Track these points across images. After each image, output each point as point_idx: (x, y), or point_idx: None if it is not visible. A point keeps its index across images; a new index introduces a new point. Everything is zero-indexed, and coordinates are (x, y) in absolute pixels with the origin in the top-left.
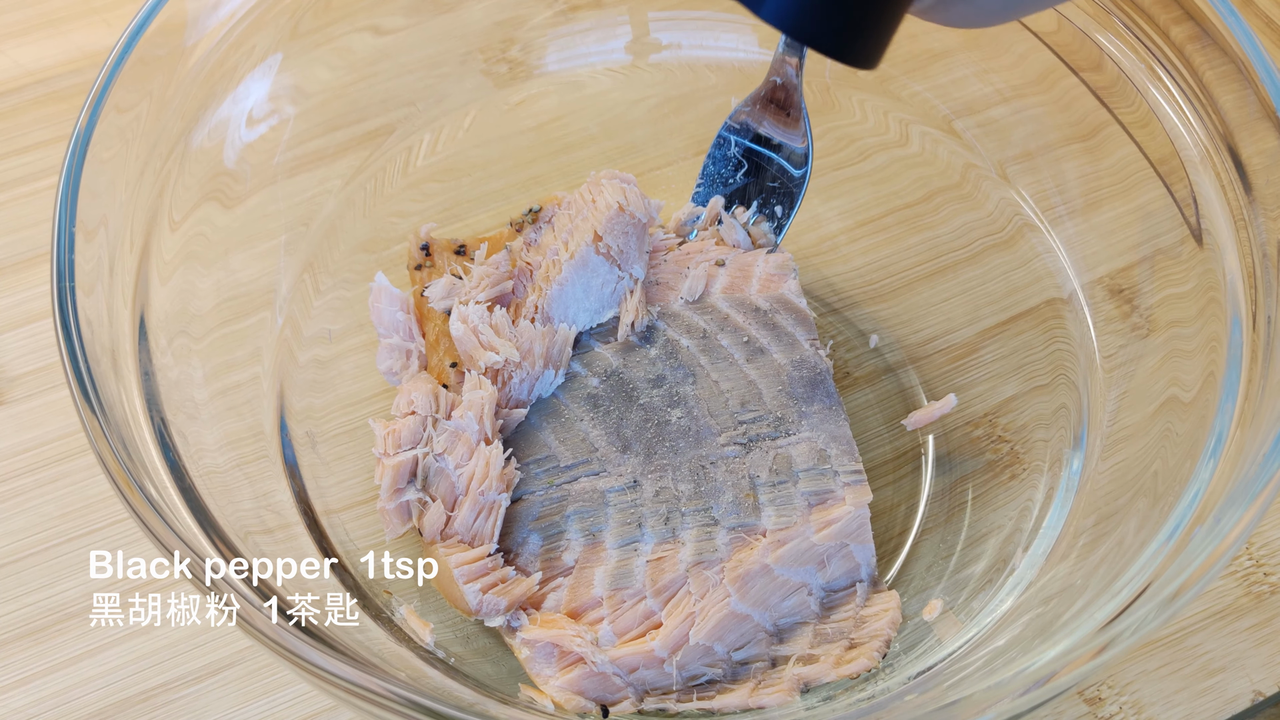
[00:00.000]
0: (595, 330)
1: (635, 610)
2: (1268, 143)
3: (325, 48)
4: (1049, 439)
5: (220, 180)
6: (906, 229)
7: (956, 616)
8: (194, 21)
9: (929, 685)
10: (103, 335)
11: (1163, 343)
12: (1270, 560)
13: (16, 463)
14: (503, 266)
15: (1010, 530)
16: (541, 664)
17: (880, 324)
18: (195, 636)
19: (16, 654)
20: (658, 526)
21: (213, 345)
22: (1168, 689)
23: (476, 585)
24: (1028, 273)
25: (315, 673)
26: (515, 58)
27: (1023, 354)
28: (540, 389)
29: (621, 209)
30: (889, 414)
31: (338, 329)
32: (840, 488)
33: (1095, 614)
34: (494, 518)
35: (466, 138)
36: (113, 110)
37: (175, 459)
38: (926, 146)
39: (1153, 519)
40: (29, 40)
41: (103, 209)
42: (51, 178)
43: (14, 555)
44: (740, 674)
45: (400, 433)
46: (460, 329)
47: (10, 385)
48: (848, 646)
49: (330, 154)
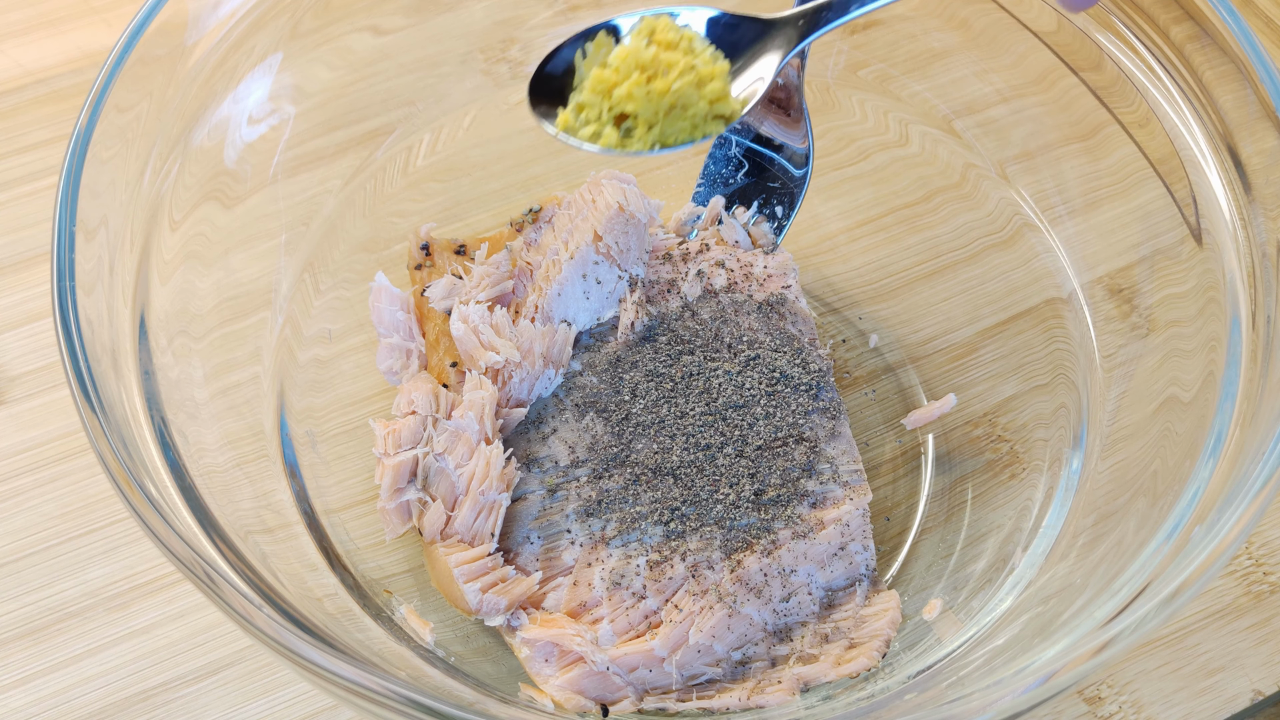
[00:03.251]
0: (595, 330)
1: (635, 610)
2: (1267, 143)
3: (325, 47)
4: (1049, 438)
5: (220, 180)
6: (906, 229)
7: (956, 616)
8: (194, 21)
9: (929, 684)
10: (103, 335)
11: (1162, 342)
12: (1270, 560)
13: (16, 462)
14: (503, 266)
15: (1010, 529)
16: (541, 663)
17: (880, 323)
18: (195, 636)
19: (16, 653)
20: (657, 526)
21: (213, 345)
22: (1167, 688)
23: (476, 585)
24: (1027, 272)
25: (315, 672)
26: (515, 57)
27: (1022, 354)
28: (540, 389)
29: (621, 209)
30: (889, 413)
31: (338, 328)
32: (840, 487)
33: (1095, 613)
34: (494, 517)
35: (466, 137)
36: (113, 110)
37: (175, 458)
38: (926, 146)
39: (1152, 518)
40: (29, 40)
41: (103, 209)
42: (52, 177)
43: (14, 555)
44: (740, 673)
45: (400, 432)
46: (460, 329)
47: (10, 385)
48: (847, 646)
49: (330, 154)
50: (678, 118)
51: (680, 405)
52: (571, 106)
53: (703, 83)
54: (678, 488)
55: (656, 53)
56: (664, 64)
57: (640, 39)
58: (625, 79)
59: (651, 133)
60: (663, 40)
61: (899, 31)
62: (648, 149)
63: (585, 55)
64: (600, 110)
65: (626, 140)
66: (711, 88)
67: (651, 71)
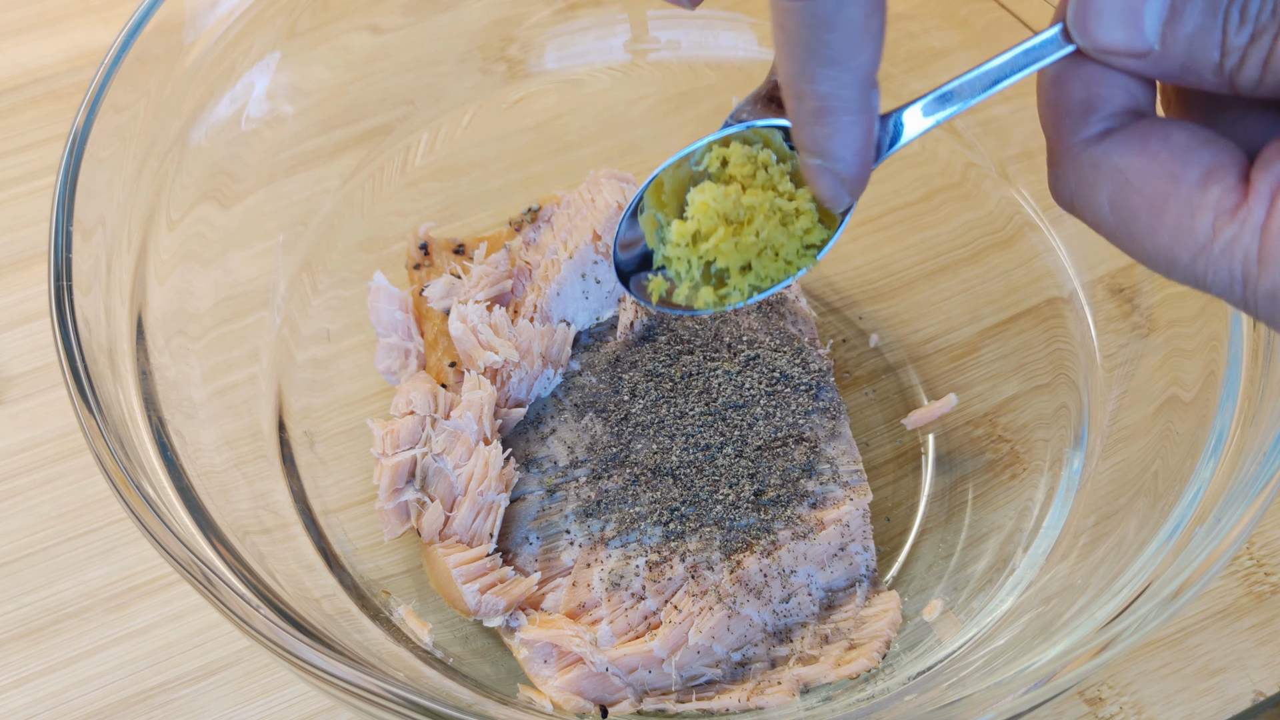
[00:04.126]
0: (594, 329)
1: (634, 610)
2: None
3: (323, 46)
4: (1049, 438)
5: (218, 179)
6: (907, 228)
7: (956, 616)
8: (192, 20)
9: (929, 685)
10: (100, 335)
11: (1163, 342)
12: (1271, 560)
13: (14, 463)
14: (502, 266)
15: (1010, 530)
16: (540, 664)
17: (880, 323)
18: (193, 637)
19: (14, 654)
20: (657, 526)
21: (210, 345)
22: (1168, 689)
23: (475, 585)
24: (1028, 272)
25: (313, 673)
26: (514, 56)
27: (1023, 353)
28: (539, 388)
29: (621, 208)
30: (889, 413)
31: (336, 328)
32: (840, 487)
33: (1096, 613)
34: (493, 518)
35: (465, 136)
36: (110, 109)
37: (173, 459)
38: (926, 145)
39: (1153, 518)
40: (27, 39)
41: (100, 208)
42: (49, 176)
43: (12, 555)
44: (739, 674)
45: (399, 433)
46: (459, 328)
47: (7, 385)
48: (847, 647)
49: (328, 153)
50: (769, 260)
51: (680, 405)
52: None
53: (788, 220)
54: (677, 488)
55: (738, 198)
56: (747, 209)
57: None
58: (712, 232)
59: (746, 277)
60: (740, 174)
61: (899, 30)
62: (745, 299)
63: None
64: (689, 262)
65: (723, 295)
66: (800, 224)
67: (735, 220)
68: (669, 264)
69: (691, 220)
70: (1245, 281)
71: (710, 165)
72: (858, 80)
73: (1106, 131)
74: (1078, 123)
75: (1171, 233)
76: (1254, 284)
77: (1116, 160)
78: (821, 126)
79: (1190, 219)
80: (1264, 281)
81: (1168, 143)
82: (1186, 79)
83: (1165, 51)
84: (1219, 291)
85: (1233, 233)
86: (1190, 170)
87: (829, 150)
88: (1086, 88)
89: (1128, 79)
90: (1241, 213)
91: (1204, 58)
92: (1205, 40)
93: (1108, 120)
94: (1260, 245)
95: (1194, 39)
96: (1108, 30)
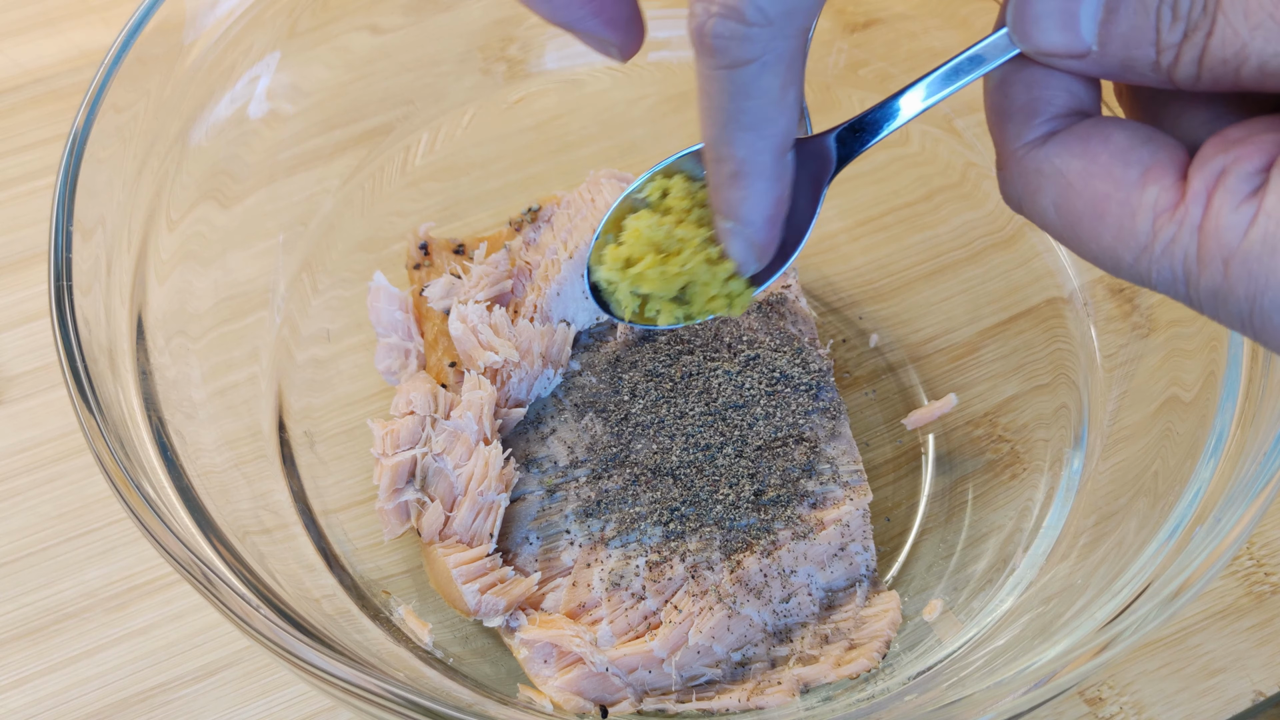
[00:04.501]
0: (594, 329)
1: (634, 610)
2: None
3: (323, 46)
4: (1049, 438)
5: (218, 179)
6: (907, 228)
7: (956, 616)
8: (192, 20)
9: (929, 685)
10: (100, 335)
11: (1163, 342)
12: (1271, 560)
13: (14, 463)
14: (502, 266)
15: (1010, 530)
16: (540, 664)
17: (880, 323)
18: (193, 637)
19: (14, 654)
20: (657, 526)
21: (210, 345)
22: (1168, 689)
23: (475, 585)
24: (1028, 272)
25: (313, 673)
26: (514, 56)
27: (1023, 353)
28: (539, 388)
29: None
30: (889, 413)
31: (336, 328)
32: (840, 487)
33: (1096, 613)
34: (493, 518)
35: (465, 136)
36: (110, 109)
37: (173, 459)
38: (927, 145)
39: (1153, 518)
40: (27, 39)
41: (100, 208)
42: (49, 177)
43: (12, 555)
44: (739, 674)
45: (399, 433)
46: (459, 328)
47: (8, 385)
48: (847, 647)
49: (328, 153)
50: (697, 294)
51: (680, 405)
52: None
53: (713, 261)
54: (677, 488)
55: (670, 230)
56: (679, 240)
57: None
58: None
59: (675, 308)
60: (677, 206)
61: (899, 30)
62: (673, 323)
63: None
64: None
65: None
66: (724, 267)
67: (666, 250)
68: (604, 286)
69: (625, 245)
70: (1188, 280)
71: (651, 195)
72: (772, 147)
73: (1050, 134)
74: (1021, 127)
75: (1114, 234)
76: (1196, 283)
77: (1059, 163)
78: (736, 190)
79: (1131, 220)
80: (1205, 281)
81: (1108, 144)
82: (1128, 77)
83: (1104, 51)
84: (1164, 290)
85: (1171, 233)
86: (1130, 171)
87: (741, 214)
88: (1029, 90)
89: (1070, 80)
90: (1180, 213)
91: (1141, 56)
92: (1140, 39)
93: (1051, 123)
94: (1198, 245)
95: (1130, 38)
96: (1046, 33)
